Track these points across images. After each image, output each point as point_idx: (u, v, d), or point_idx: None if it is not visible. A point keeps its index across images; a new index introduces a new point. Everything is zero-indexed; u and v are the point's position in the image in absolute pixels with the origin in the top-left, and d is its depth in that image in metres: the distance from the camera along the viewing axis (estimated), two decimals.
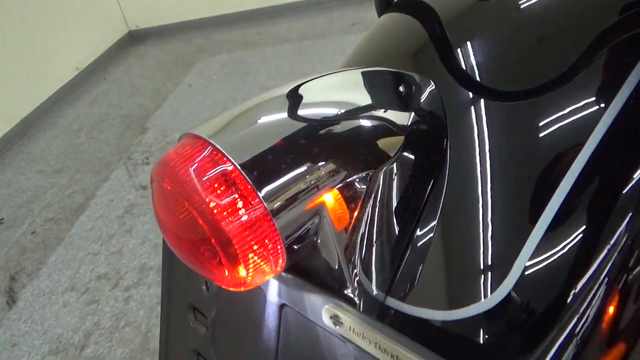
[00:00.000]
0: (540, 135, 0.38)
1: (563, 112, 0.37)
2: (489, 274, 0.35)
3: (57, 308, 1.66)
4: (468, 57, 0.44)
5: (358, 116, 0.39)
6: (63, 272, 1.81)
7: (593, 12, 0.42)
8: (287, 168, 0.33)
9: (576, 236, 0.34)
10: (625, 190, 0.35)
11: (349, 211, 0.38)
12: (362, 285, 0.39)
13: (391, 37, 0.56)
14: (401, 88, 0.44)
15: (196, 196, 0.31)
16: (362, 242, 0.39)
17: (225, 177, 0.32)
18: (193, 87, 3.13)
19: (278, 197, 0.32)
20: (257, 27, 3.85)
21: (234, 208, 0.31)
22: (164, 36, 4.08)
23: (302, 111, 0.37)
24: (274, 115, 0.37)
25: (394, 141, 0.40)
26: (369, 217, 0.39)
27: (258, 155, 0.33)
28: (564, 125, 0.37)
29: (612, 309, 0.35)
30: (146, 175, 2.31)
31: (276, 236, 0.33)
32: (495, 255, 0.36)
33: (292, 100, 0.38)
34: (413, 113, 0.41)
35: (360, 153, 0.37)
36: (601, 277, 0.34)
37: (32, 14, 3.11)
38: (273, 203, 0.32)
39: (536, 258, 0.34)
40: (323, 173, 0.34)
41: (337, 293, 0.38)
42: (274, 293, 0.41)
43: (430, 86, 0.43)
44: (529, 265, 0.34)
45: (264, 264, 0.34)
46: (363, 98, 0.41)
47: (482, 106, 0.41)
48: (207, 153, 0.33)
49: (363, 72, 0.45)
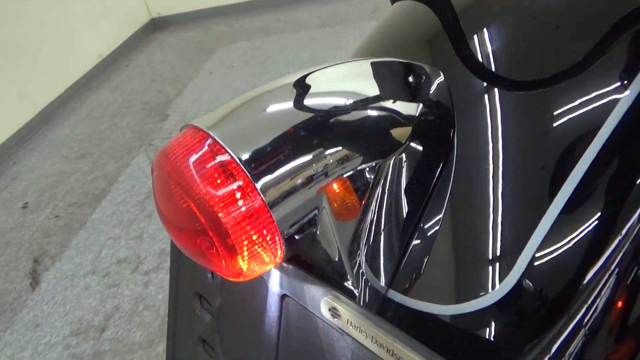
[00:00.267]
0: (552, 124, 0.37)
1: (576, 101, 0.36)
2: (496, 266, 0.35)
3: (79, 291, 1.71)
4: (481, 46, 0.43)
5: (366, 107, 0.38)
6: (85, 256, 1.86)
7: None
8: (287, 159, 0.33)
9: (587, 226, 0.34)
10: (639, 180, 0.34)
11: (355, 202, 0.37)
12: (364, 277, 0.38)
13: (403, 25, 0.55)
14: (410, 79, 0.43)
15: (194, 187, 0.31)
16: (366, 233, 0.38)
17: (223, 169, 0.32)
18: (213, 74, 3.15)
19: (276, 189, 0.32)
20: (277, 14, 3.84)
21: (232, 199, 0.31)
22: (185, 23, 4.11)
23: (308, 101, 0.37)
24: (279, 105, 0.37)
25: (402, 132, 0.39)
26: (375, 208, 0.38)
27: (257, 146, 0.33)
28: (577, 114, 0.36)
29: (622, 302, 0.34)
30: None
31: (274, 228, 0.33)
32: (502, 246, 0.35)
33: (298, 90, 0.38)
34: (421, 104, 0.41)
35: (366, 144, 0.37)
36: (611, 269, 0.33)
37: (56, 2, 3.15)
38: (271, 195, 0.32)
39: (545, 249, 0.34)
40: (325, 164, 0.34)
41: (337, 285, 0.38)
42: (275, 283, 0.41)
43: (439, 77, 0.42)
44: (538, 256, 0.34)
45: (262, 255, 0.34)
46: (371, 89, 0.41)
47: (495, 96, 0.40)
48: (206, 144, 0.32)
49: (372, 63, 0.44)
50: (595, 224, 0.34)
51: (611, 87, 0.36)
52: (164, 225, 0.36)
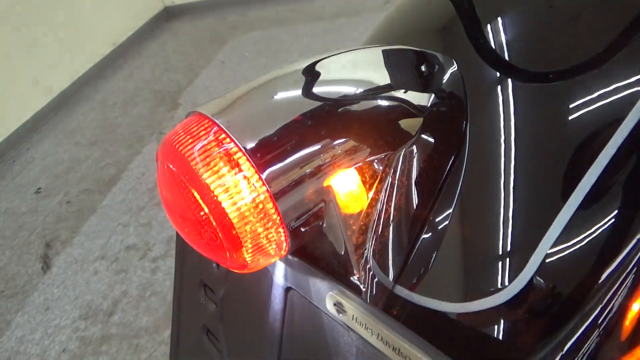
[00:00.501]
0: (569, 118, 0.35)
1: (595, 94, 0.35)
2: (507, 264, 0.34)
3: (88, 275, 1.72)
4: (497, 35, 0.42)
5: (376, 96, 0.37)
6: (95, 242, 1.87)
7: None
8: (294, 149, 0.32)
9: (603, 224, 0.32)
10: None
11: (362, 195, 0.36)
12: (370, 271, 0.37)
13: (417, 12, 0.54)
14: (423, 68, 0.42)
15: (198, 176, 0.31)
16: (374, 227, 0.38)
17: (228, 158, 0.31)
18: (225, 64, 3.14)
19: (282, 179, 0.31)
20: (291, 4, 3.81)
21: (237, 189, 0.31)
22: (199, 12, 4.10)
23: (317, 89, 0.36)
24: (286, 93, 0.36)
25: (413, 123, 0.38)
26: (383, 201, 0.37)
27: (263, 135, 0.32)
28: (596, 108, 0.35)
29: (638, 303, 0.33)
30: None
31: (279, 220, 0.32)
32: (514, 243, 0.34)
33: (307, 77, 0.37)
34: (433, 94, 0.40)
35: (376, 135, 0.36)
36: (628, 268, 0.32)
37: None
38: (277, 185, 0.31)
39: (559, 246, 0.33)
40: (333, 156, 0.33)
41: (343, 280, 0.37)
42: (280, 275, 0.40)
43: (452, 67, 0.41)
44: (551, 253, 0.32)
45: (267, 247, 0.33)
46: (382, 77, 0.40)
47: (509, 87, 0.38)
48: (212, 132, 0.32)
49: (384, 50, 0.43)
50: (612, 223, 0.32)
51: (633, 80, 0.34)
52: (168, 215, 0.35)
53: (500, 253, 0.34)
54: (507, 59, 0.40)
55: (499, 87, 0.39)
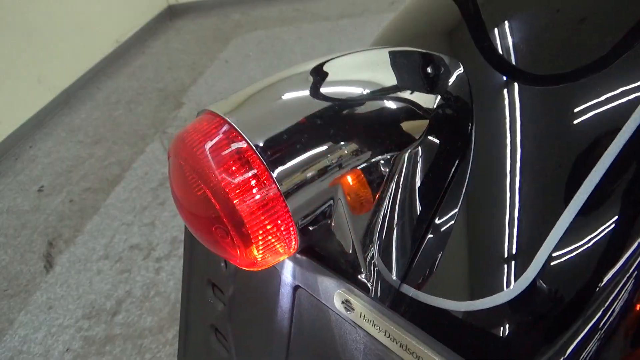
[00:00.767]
0: (573, 120, 0.36)
1: (599, 98, 0.35)
2: (511, 264, 0.34)
3: (91, 275, 1.73)
4: (502, 38, 0.42)
5: (383, 97, 0.38)
6: (98, 241, 1.88)
7: None
8: (304, 148, 0.32)
9: (605, 226, 0.33)
10: None
11: (369, 194, 0.37)
12: (377, 270, 0.38)
13: (423, 15, 0.54)
14: (429, 69, 0.43)
15: (210, 174, 0.31)
16: (381, 226, 0.38)
17: (239, 156, 0.31)
18: (229, 63, 3.15)
19: (292, 178, 0.32)
20: (295, 4, 3.81)
21: (248, 187, 0.31)
22: (203, 11, 4.10)
23: (325, 89, 0.36)
24: (295, 92, 0.36)
25: (419, 124, 0.38)
26: (390, 201, 0.38)
27: (274, 134, 0.32)
28: (599, 111, 0.35)
29: None
30: None
31: (289, 217, 0.32)
32: (518, 244, 0.34)
33: (315, 78, 0.37)
34: (439, 96, 0.40)
35: (382, 136, 0.36)
36: (630, 271, 0.32)
37: None
38: (287, 184, 0.31)
39: (562, 249, 0.33)
40: (341, 155, 0.34)
41: (350, 278, 0.37)
42: (289, 274, 0.40)
43: (458, 69, 0.41)
44: (554, 255, 0.33)
45: (276, 245, 0.33)
46: (389, 78, 0.40)
47: (514, 90, 0.39)
48: (223, 130, 0.32)
49: (391, 52, 0.44)
50: (614, 225, 0.33)
51: (636, 84, 0.35)
52: (180, 211, 0.36)
53: (504, 254, 0.35)
54: (512, 62, 0.40)
55: (504, 90, 0.39)
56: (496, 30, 0.42)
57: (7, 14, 2.60)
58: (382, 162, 0.37)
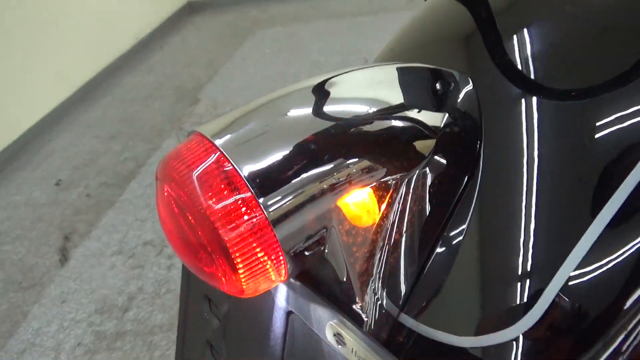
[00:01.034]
0: (596, 137, 0.33)
1: (624, 112, 0.33)
2: (524, 295, 0.32)
3: (105, 270, 1.74)
4: (518, 50, 0.40)
5: (387, 116, 0.36)
6: (112, 236, 1.89)
7: None
8: (296, 174, 0.31)
9: (628, 248, 0.30)
10: None
11: (367, 220, 0.35)
12: (374, 297, 0.36)
13: (435, 25, 0.52)
14: (438, 86, 0.40)
15: (195, 199, 0.30)
16: (381, 252, 0.36)
17: (227, 181, 0.30)
18: (246, 60, 3.14)
19: (282, 206, 0.30)
20: (312, 1, 3.79)
21: (234, 214, 0.30)
22: (221, 7, 4.11)
23: (324, 110, 0.35)
24: (293, 113, 0.34)
25: (425, 144, 0.37)
26: (392, 225, 0.36)
27: (264, 158, 0.31)
28: (624, 127, 0.33)
29: None
30: None
31: (277, 246, 0.31)
32: (529, 273, 0.32)
33: (316, 96, 0.36)
34: (447, 114, 0.38)
35: (382, 160, 0.34)
36: None
37: None
38: (275, 212, 0.30)
39: (573, 281, 0.31)
40: (336, 182, 0.32)
41: (344, 308, 0.35)
42: (282, 298, 0.39)
43: (468, 85, 0.39)
44: (572, 281, 0.31)
45: (264, 274, 0.32)
46: (395, 96, 0.38)
47: (532, 105, 0.37)
48: (210, 154, 0.31)
49: (399, 68, 0.42)
50: (638, 247, 0.30)
51: None
52: (166, 236, 0.35)
53: (514, 284, 0.32)
54: (528, 75, 0.38)
55: (517, 105, 0.37)
56: (511, 41, 0.40)
57: (26, 9, 2.63)
58: (383, 186, 0.35)
